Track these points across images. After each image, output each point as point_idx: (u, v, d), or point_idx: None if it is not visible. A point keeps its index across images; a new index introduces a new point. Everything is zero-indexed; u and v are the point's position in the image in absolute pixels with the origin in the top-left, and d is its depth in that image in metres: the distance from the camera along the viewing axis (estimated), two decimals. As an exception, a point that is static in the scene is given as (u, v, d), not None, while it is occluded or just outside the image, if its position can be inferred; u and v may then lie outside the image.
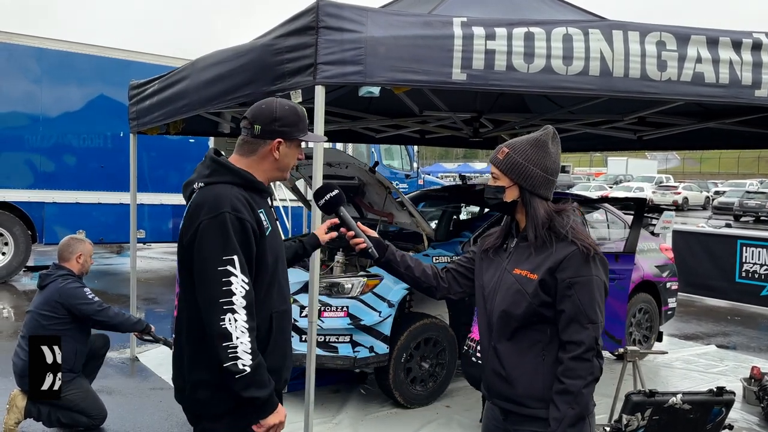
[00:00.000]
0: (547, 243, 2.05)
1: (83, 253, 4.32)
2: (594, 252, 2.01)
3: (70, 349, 4.13)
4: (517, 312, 2.05)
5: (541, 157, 2.10)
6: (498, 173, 2.14)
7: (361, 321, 4.46)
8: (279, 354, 2.23)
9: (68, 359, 4.12)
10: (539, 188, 2.09)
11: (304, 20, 3.23)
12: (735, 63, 3.58)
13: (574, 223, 2.07)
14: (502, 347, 2.10)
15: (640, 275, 6.09)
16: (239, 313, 2.00)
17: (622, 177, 42.85)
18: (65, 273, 4.21)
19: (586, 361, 1.98)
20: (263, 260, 2.14)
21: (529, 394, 2.05)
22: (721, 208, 29.73)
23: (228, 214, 2.04)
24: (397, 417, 4.66)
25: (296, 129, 2.22)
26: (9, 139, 9.46)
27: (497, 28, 3.29)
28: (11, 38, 9.47)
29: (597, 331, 2.00)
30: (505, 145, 2.16)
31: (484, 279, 2.22)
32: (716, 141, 6.30)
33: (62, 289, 4.10)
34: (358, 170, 5.04)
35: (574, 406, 1.96)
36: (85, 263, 4.35)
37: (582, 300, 1.98)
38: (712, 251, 9.64)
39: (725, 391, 3.45)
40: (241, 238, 2.04)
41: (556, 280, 2.01)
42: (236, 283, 2.00)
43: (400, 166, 14.66)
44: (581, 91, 3.45)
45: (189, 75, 4.58)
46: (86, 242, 4.42)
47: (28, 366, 4.06)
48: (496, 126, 6.64)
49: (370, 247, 2.31)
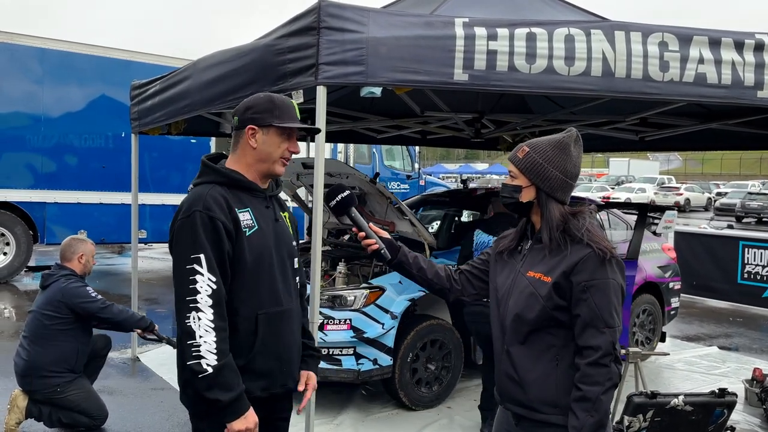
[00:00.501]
0: (561, 245, 2.00)
1: (85, 253, 4.33)
2: (610, 255, 1.96)
3: (71, 348, 4.13)
4: (530, 315, 2.01)
5: (562, 159, 2.04)
6: (516, 172, 2.09)
7: (364, 333, 4.43)
8: (270, 356, 2.17)
9: (70, 359, 4.13)
10: (556, 191, 2.04)
11: (306, 20, 3.23)
12: (737, 64, 3.57)
13: (590, 225, 2.01)
14: (515, 351, 2.06)
15: (642, 277, 6.08)
16: (204, 311, 1.97)
17: (624, 178, 42.80)
18: (68, 273, 4.21)
19: (603, 367, 1.91)
20: (241, 259, 2.09)
21: (541, 398, 2.00)
22: (723, 209, 29.70)
23: (199, 212, 2.03)
24: (399, 418, 4.65)
25: (269, 115, 2.17)
26: (10, 140, 9.47)
27: (499, 29, 3.29)
28: (12, 38, 9.48)
29: (614, 335, 1.94)
30: (526, 144, 2.11)
31: (498, 281, 2.18)
32: (718, 142, 6.29)
33: (65, 288, 4.10)
34: (358, 180, 5.04)
35: (593, 414, 1.89)
36: (87, 263, 4.35)
37: (598, 304, 1.93)
38: (714, 252, 9.62)
39: (727, 393, 3.44)
40: (211, 237, 2.02)
41: (571, 284, 1.96)
42: (201, 282, 1.99)
43: (401, 167, 14.66)
44: (583, 92, 3.44)
45: (191, 75, 4.58)
46: (88, 242, 4.42)
47: (29, 366, 4.07)
48: (498, 127, 6.63)
49: (383, 248, 2.28)
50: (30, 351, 4.08)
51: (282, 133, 2.19)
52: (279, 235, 2.25)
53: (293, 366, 2.28)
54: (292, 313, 2.26)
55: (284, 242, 2.27)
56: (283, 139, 2.20)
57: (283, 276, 2.23)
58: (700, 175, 55.33)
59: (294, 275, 2.31)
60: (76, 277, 4.24)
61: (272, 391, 2.19)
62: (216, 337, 1.98)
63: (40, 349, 4.06)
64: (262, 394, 2.16)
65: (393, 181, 14.37)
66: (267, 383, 2.17)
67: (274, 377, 2.20)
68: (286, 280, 2.25)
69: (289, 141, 2.21)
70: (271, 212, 2.25)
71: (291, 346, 2.26)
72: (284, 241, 2.27)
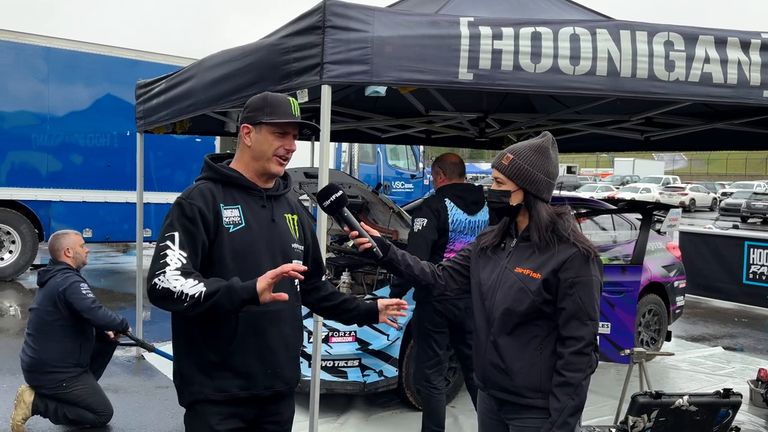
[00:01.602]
0: (550, 244, 2.18)
1: (70, 246, 4.33)
2: (594, 254, 2.17)
3: (74, 343, 4.17)
4: (519, 309, 2.17)
5: (544, 162, 2.22)
6: (503, 178, 2.24)
7: (369, 345, 4.43)
8: (250, 356, 2.13)
9: (73, 354, 4.16)
10: (543, 192, 2.22)
11: (311, 20, 3.23)
12: (743, 63, 3.55)
13: (574, 225, 2.21)
14: (502, 341, 2.22)
15: (647, 277, 6.06)
16: (167, 272, 1.97)
17: (629, 178, 42.69)
18: (63, 267, 4.25)
19: (585, 356, 2.11)
20: (219, 254, 2.11)
21: (527, 385, 2.18)
22: (728, 209, 29.58)
23: (182, 200, 2.12)
24: (402, 417, 4.65)
25: (261, 113, 2.18)
26: (16, 138, 9.51)
27: (504, 28, 3.28)
28: (19, 37, 9.51)
29: (596, 327, 2.14)
30: (508, 150, 2.27)
31: (482, 276, 2.33)
32: (724, 142, 6.26)
33: (61, 284, 4.14)
34: (361, 190, 5.04)
35: (574, 397, 2.09)
36: (76, 256, 4.35)
37: (583, 299, 2.12)
38: (719, 253, 9.59)
39: (732, 393, 3.43)
40: (186, 221, 2.07)
41: (559, 280, 2.14)
42: (171, 255, 2.01)
43: (405, 167, 14.67)
44: (588, 92, 3.43)
45: (196, 74, 4.59)
46: (70, 234, 4.41)
47: (35, 362, 4.09)
48: (503, 126, 6.61)
49: (375, 247, 2.34)
50: (35, 347, 4.12)
51: (274, 130, 2.19)
52: (274, 235, 2.23)
53: (281, 368, 2.22)
54: (281, 315, 2.20)
55: (280, 243, 2.23)
56: (276, 137, 2.20)
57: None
58: (706, 175, 55.14)
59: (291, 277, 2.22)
60: (73, 271, 4.26)
61: (254, 392, 2.16)
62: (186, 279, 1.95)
63: (44, 346, 4.12)
64: (242, 393, 2.14)
65: (397, 181, 14.37)
66: (247, 383, 2.15)
67: (256, 378, 2.16)
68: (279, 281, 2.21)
69: (283, 138, 2.21)
70: (267, 212, 2.24)
71: (277, 348, 2.20)
72: (280, 241, 2.24)
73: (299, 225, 2.37)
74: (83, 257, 4.42)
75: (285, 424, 2.36)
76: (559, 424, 2.08)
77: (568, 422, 2.09)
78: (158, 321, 7.33)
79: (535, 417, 2.17)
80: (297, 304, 2.32)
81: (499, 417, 2.32)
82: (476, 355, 2.35)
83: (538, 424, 2.16)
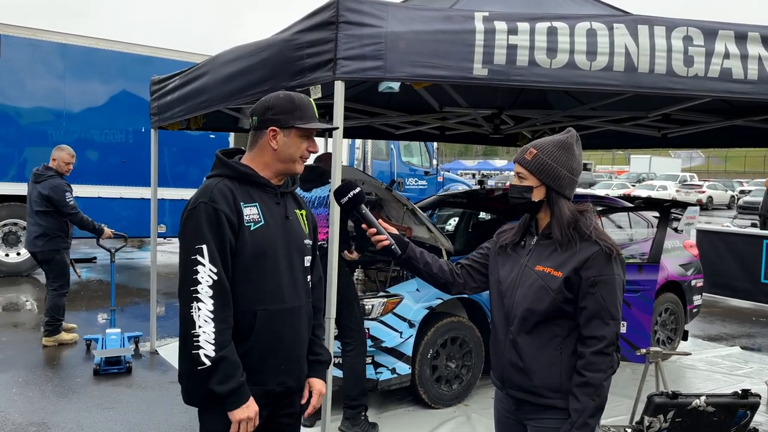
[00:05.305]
0: (572, 242, 2.13)
1: (56, 158, 6.08)
2: (616, 252, 2.11)
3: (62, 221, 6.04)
4: (540, 308, 2.13)
5: (568, 158, 2.17)
6: (525, 173, 2.19)
7: (382, 343, 4.41)
8: (266, 353, 2.15)
9: (64, 227, 6.09)
10: (565, 188, 2.17)
11: (324, 15, 3.21)
12: (764, 58, 3.48)
13: (596, 223, 2.16)
14: (522, 340, 2.18)
15: (664, 276, 5.99)
16: (204, 302, 2.00)
17: (645, 175, 42.35)
18: (52, 173, 6.01)
19: (607, 356, 2.07)
20: (242, 253, 2.10)
21: (546, 384, 2.14)
22: (746, 207, 29.18)
23: (204, 204, 2.07)
24: (416, 415, 4.63)
25: (291, 116, 2.17)
26: (33, 134, 9.59)
27: (519, 23, 3.24)
28: (35, 34, 9.59)
29: (618, 327, 2.09)
30: (532, 145, 2.22)
31: (501, 274, 2.29)
32: (743, 139, 6.17)
33: (50, 184, 5.91)
34: (374, 187, 5.02)
35: (595, 398, 2.05)
36: (59, 166, 6.07)
37: (605, 297, 2.07)
38: (737, 251, 9.47)
39: (750, 394, 3.37)
40: (214, 228, 2.04)
41: (581, 278, 2.09)
42: (203, 272, 2.01)
43: (419, 163, 14.62)
44: (605, 87, 3.38)
45: (209, 71, 4.59)
46: (63, 150, 6.13)
47: (39, 233, 5.97)
48: (517, 123, 6.56)
49: (393, 244, 2.31)
50: (35, 222, 5.92)
51: (303, 134, 2.21)
52: (289, 232, 2.23)
53: (296, 365, 2.26)
54: (297, 311, 2.23)
55: (294, 239, 2.24)
56: (303, 140, 2.21)
57: (290, 273, 2.20)
58: (723, 172, 54.56)
59: (305, 273, 2.29)
60: (59, 176, 6.03)
61: (267, 388, 2.18)
62: (215, 328, 2.00)
63: (42, 221, 5.92)
64: (256, 389, 2.15)
65: (411, 178, 14.34)
66: (261, 379, 2.15)
67: (270, 374, 2.18)
68: (294, 277, 2.22)
69: (308, 140, 2.23)
70: (281, 209, 2.24)
71: (293, 345, 2.23)
72: (294, 238, 2.25)
73: (308, 220, 2.38)
74: (66, 169, 6.13)
75: (299, 417, 2.39)
76: (579, 425, 2.04)
77: (588, 423, 2.04)
78: (172, 317, 7.37)
79: (554, 417, 2.13)
80: (309, 300, 2.33)
81: (517, 417, 2.28)
82: (494, 354, 2.31)
83: (557, 425, 2.12)
